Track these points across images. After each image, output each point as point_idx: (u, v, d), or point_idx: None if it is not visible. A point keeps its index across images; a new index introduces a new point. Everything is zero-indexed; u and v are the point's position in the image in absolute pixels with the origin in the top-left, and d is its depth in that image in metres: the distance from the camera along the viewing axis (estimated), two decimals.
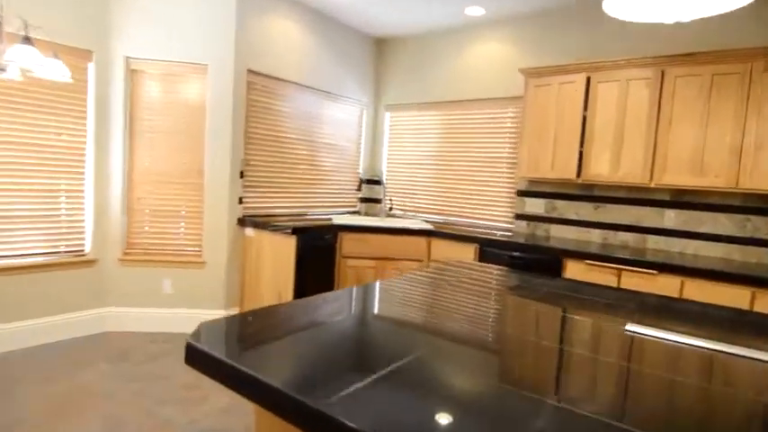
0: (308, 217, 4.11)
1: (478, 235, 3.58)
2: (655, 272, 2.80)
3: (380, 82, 4.87)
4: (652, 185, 3.07)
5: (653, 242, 3.35)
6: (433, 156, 4.53)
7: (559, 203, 3.76)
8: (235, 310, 3.75)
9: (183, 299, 3.60)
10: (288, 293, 3.40)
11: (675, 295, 2.75)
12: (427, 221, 4.24)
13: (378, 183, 4.86)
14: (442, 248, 3.71)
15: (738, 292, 2.57)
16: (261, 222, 3.55)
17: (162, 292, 3.56)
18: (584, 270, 3.05)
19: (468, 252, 3.57)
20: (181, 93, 3.50)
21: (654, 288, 2.81)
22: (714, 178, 2.86)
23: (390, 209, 4.39)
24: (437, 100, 4.45)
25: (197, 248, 3.61)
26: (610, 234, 3.53)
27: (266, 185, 3.94)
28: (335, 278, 3.74)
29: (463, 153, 4.33)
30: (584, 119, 3.32)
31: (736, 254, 3.06)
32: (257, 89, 3.75)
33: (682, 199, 3.24)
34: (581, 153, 3.33)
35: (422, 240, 3.79)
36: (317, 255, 3.53)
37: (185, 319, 3.59)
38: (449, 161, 4.43)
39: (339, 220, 4.00)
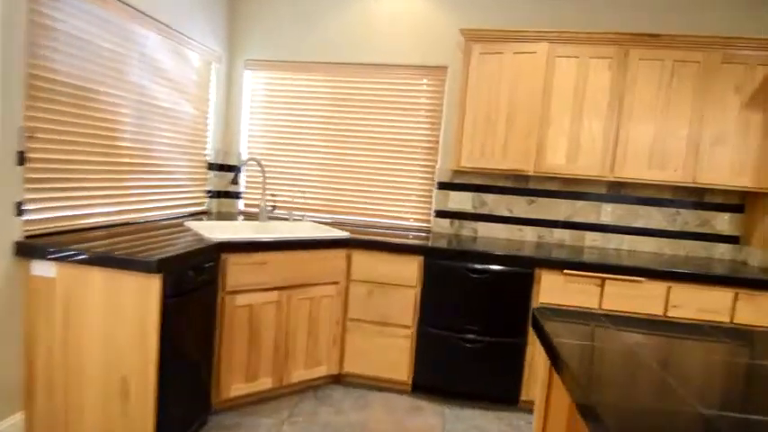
0: (141, 226, 2.49)
1: (422, 243, 2.71)
2: (642, 279, 2.49)
3: (239, 26, 3.38)
4: (611, 179, 2.77)
5: (590, 239, 3.12)
6: (323, 136, 3.39)
7: (490, 198, 3.20)
8: None
9: None
10: (145, 379, 1.88)
11: (662, 301, 2.49)
12: (320, 223, 3.13)
13: (234, 169, 3.43)
14: (367, 264, 2.71)
15: (724, 295, 2.44)
16: (71, 250, 1.87)
17: None
18: (563, 282, 2.55)
19: (407, 268, 2.67)
20: None
21: (640, 295, 2.50)
22: (673, 172, 2.71)
23: (273, 209, 3.09)
24: (326, 60, 3.30)
25: None
26: (545, 232, 3.16)
27: (68, 178, 2.17)
28: (217, 329, 2.33)
29: (365, 134, 3.34)
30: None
31: (666, 248, 3.05)
32: (47, 2, 1.94)
33: (619, 192, 3.07)
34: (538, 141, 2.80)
35: (339, 255, 2.70)
36: (192, 297, 2.08)
37: None
38: (345, 144, 3.37)
39: (214, 232, 2.53)
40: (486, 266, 2.60)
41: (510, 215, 3.18)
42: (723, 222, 2.99)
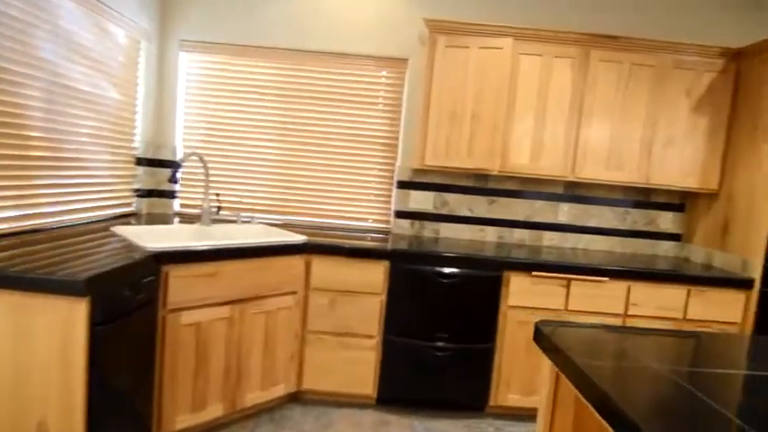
0: (56, 233, 2.06)
1: (388, 247, 2.53)
2: (605, 279, 2.51)
3: (172, 1, 2.97)
4: (572, 179, 2.77)
5: (548, 238, 3.12)
6: (273, 130, 3.08)
7: (451, 198, 3.09)
8: None
9: None
10: (70, 424, 1.53)
11: (623, 301, 2.53)
12: (271, 225, 2.84)
13: (168, 165, 3.02)
14: (328, 271, 2.48)
15: (678, 292, 2.53)
16: None
17: None
18: (531, 284, 2.50)
19: (372, 273, 2.49)
20: None
21: (603, 295, 2.52)
22: (629, 173, 2.77)
23: (219, 209, 2.74)
24: (275, 45, 3.00)
25: None
26: (506, 232, 3.12)
27: None
28: (158, 354, 1.99)
29: (319, 128, 3.08)
30: None
31: (617, 246, 3.13)
32: None
33: (574, 192, 3.10)
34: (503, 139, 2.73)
35: (297, 262, 2.45)
36: (128, 321, 1.74)
37: None
38: (298, 139, 3.09)
39: (149, 239, 2.16)
40: (455, 270, 2.48)
41: (471, 215, 3.10)
42: (667, 221, 3.13)
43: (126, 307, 1.70)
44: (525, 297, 2.51)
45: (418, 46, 2.96)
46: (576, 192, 3.09)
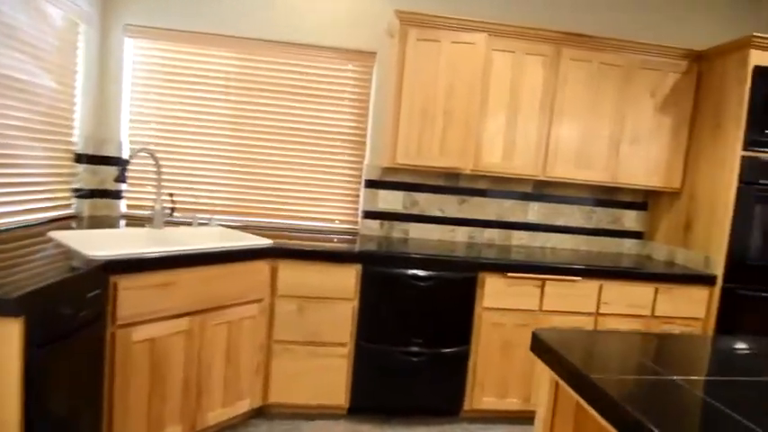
0: None
1: (360, 250, 2.40)
2: (578, 278, 2.50)
3: None
4: (543, 178, 2.75)
5: (518, 238, 3.10)
6: (232, 125, 2.86)
7: (421, 197, 3.00)
8: None
9: None
10: None
11: (595, 299, 2.53)
12: (231, 227, 2.63)
13: (113, 162, 2.75)
14: (296, 276, 2.32)
15: (647, 290, 2.56)
16: None
17: None
18: (506, 285, 2.46)
19: (344, 278, 2.35)
20: None
21: (576, 294, 2.51)
22: (598, 173, 2.78)
23: (172, 211, 2.50)
24: (233, 33, 2.78)
25: None
26: (476, 232, 3.06)
27: None
28: (107, 375, 1.77)
29: (281, 124, 2.90)
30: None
31: (583, 245, 3.15)
32: None
33: (542, 191, 3.09)
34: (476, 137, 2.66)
35: (262, 267, 2.27)
36: (71, 341, 1.52)
37: None
38: (259, 135, 2.89)
39: (93, 246, 1.91)
40: (430, 272, 2.39)
41: (442, 215, 3.02)
42: (630, 219, 3.18)
43: (69, 325, 1.48)
44: (500, 298, 2.46)
45: (386, 39, 2.84)
46: (545, 191, 3.08)
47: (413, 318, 2.40)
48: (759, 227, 2.53)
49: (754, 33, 2.40)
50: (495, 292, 2.44)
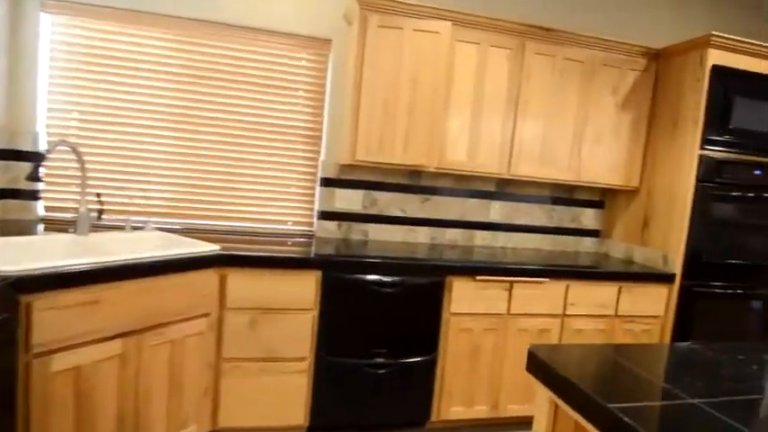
0: None
1: (321, 255, 2.20)
2: (546, 279, 2.43)
3: None
4: (507, 176, 2.67)
5: (480, 238, 3.01)
6: (171, 116, 2.55)
7: (382, 196, 2.84)
8: None
9: None
10: None
11: (562, 300, 2.48)
12: (170, 231, 2.34)
13: (28, 157, 2.36)
14: (248, 286, 2.09)
15: (611, 290, 2.54)
16: None
17: None
18: (475, 289, 2.34)
19: (302, 286, 2.14)
20: None
21: (544, 296, 2.44)
22: (562, 171, 2.73)
23: (100, 214, 2.16)
24: (171, 12, 2.47)
25: None
26: (438, 232, 2.94)
27: None
28: (21, 413, 1.46)
29: (227, 116, 2.62)
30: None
31: (543, 244, 3.12)
32: None
33: (505, 190, 3.01)
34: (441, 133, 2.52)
35: (209, 277, 2.02)
36: None
37: None
38: (201, 128, 2.60)
39: (2, 260, 1.58)
40: (396, 278, 2.23)
41: (403, 215, 2.87)
42: (588, 218, 3.19)
43: None
44: (469, 303, 2.34)
45: (343, 25, 2.64)
46: (507, 189, 3.01)
47: (377, 327, 2.24)
48: (714, 225, 2.58)
49: (713, 32, 2.42)
50: (463, 296, 2.33)
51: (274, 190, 2.73)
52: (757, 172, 2.62)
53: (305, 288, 2.14)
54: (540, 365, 1.10)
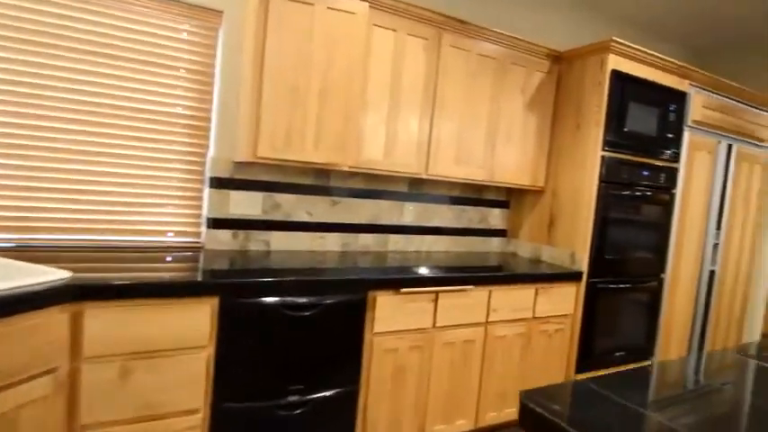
0: None
1: (206, 274, 1.74)
2: (471, 287, 2.28)
3: None
4: (425, 176, 2.47)
5: (393, 242, 2.78)
6: (4, 96, 1.84)
7: (285, 199, 2.44)
8: None
9: None
10: None
11: (485, 307, 2.35)
12: (0, 251, 1.69)
13: None
14: (114, 326, 1.56)
15: (528, 292, 2.48)
16: None
17: None
18: (399, 303, 2.09)
19: (193, 319, 1.67)
20: None
21: (468, 304, 2.29)
22: (476, 170, 2.62)
23: None
24: None
25: None
26: (350, 238, 2.64)
27: None
28: None
29: (86, 99, 1.99)
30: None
31: (453, 245, 3.00)
32: None
33: (418, 191, 2.82)
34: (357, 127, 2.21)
35: (55, 318, 1.45)
36: None
37: None
38: (50, 113, 1.93)
39: None
40: (311, 299, 1.88)
41: (310, 220, 2.51)
42: (495, 218, 3.16)
43: None
44: (393, 320, 2.08)
45: None
46: (421, 190, 2.83)
47: (287, 359, 1.86)
48: (615, 223, 2.68)
49: (613, 38, 2.49)
50: (387, 313, 2.06)
51: (148, 192, 2.16)
52: (645, 173, 2.79)
53: (196, 320, 1.67)
54: (540, 423, 0.86)
